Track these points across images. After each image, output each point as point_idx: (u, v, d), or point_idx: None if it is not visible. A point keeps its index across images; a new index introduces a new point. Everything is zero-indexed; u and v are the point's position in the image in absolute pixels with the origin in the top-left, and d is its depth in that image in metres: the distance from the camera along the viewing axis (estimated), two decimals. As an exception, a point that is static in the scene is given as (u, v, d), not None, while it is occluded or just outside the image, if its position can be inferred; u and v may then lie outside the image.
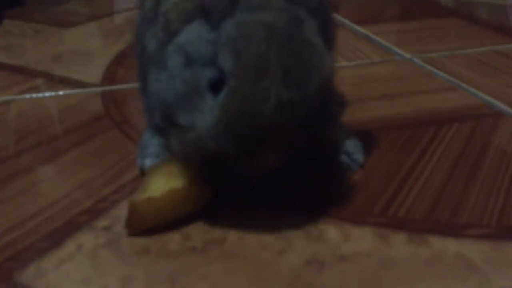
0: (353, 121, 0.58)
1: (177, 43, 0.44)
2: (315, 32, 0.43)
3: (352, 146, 0.54)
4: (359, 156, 0.53)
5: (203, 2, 0.44)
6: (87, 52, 0.89)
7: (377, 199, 0.49)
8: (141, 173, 0.51)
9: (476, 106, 0.68)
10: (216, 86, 0.41)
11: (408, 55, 0.86)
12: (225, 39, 0.41)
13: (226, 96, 0.40)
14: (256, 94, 0.39)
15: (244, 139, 0.40)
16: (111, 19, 1.11)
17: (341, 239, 0.44)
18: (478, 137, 0.60)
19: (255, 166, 0.41)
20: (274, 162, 0.42)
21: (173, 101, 0.44)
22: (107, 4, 1.28)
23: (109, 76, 0.78)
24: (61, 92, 0.72)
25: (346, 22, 1.04)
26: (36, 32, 0.99)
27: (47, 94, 0.72)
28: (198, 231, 0.44)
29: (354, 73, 0.78)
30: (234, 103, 0.40)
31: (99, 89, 0.74)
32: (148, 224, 0.44)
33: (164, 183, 0.44)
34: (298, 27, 0.42)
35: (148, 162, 0.51)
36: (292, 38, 0.41)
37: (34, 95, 0.72)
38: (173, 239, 0.43)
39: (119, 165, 0.54)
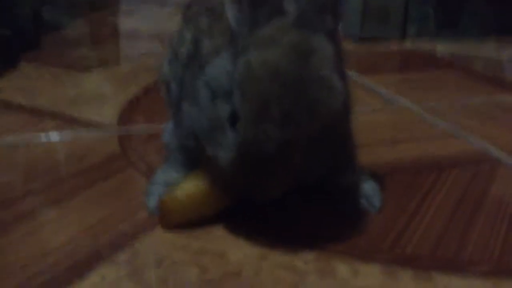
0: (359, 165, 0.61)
1: (204, 77, 0.49)
2: (328, 61, 0.45)
3: (370, 190, 0.56)
4: (376, 201, 0.56)
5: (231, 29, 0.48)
6: (102, 95, 0.93)
7: (384, 237, 0.51)
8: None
9: (475, 153, 0.72)
10: (233, 120, 0.45)
11: (408, 104, 0.90)
12: (236, 77, 0.44)
13: (237, 136, 0.44)
14: (257, 136, 0.43)
15: (253, 174, 0.44)
16: (123, 64, 1.16)
17: (350, 275, 0.46)
18: (478, 181, 0.63)
19: (270, 190, 0.46)
20: (284, 186, 0.46)
21: (202, 134, 0.49)
22: (115, 50, 1.33)
23: (124, 118, 0.81)
24: (78, 133, 0.75)
25: (348, 71, 1.08)
26: (52, 75, 1.03)
27: (64, 134, 0.75)
28: (215, 265, 0.47)
29: (356, 119, 0.82)
30: (242, 145, 0.44)
31: (115, 130, 0.77)
32: (176, 220, 0.51)
33: (190, 184, 0.51)
34: (306, 61, 0.43)
35: (151, 202, 0.54)
36: (295, 76, 0.43)
37: (51, 135, 0.75)
38: (191, 271, 0.46)
39: (136, 202, 0.56)
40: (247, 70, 0.44)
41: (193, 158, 0.54)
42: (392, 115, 0.86)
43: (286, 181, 0.45)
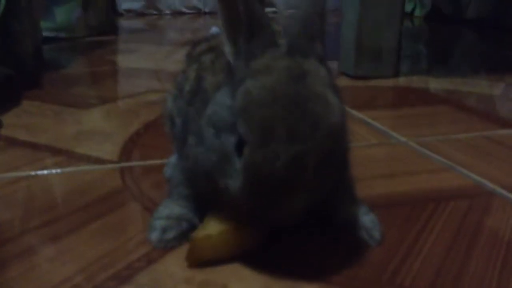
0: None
1: (206, 115, 0.51)
2: (322, 81, 0.48)
3: (369, 222, 0.57)
4: (376, 233, 0.57)
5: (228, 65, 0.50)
6: (103, 131, 0.94)
7: (384, 269, 0.52)
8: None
9: (470, 186, 0.73)
10: (239, 148, 0.47)
11: (403, 139, 0.92)
12: (237, 107, 0.47)
13: (244, 161, 0.46)
14: (266, 157, 0.45)
15: (266, 196, 0.45)
16: (123, 101, 1.18)
17: (352, 306, 0.47)
18: (473, 214, 0.64)
19: (285, 213, 0.46)
20: (302, 206, 0.47)
21: (211, 170, 0.50)
22: (114, 88, 1.36)
23: (126, 154, 0.83)
24: (79, 168, 0.77)
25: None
26: (54, 112, 1.05)
27: (65, 170, 0.76)
28: (218, 297, 0.47)
29: (353, 154, 0.84)
30: (251, 168, 0.45)
31: (118, 165, 0.78)
32: (206, 258, 0.50)
33: (221, 224, 0.51)
34: (300, 82, 0.46)
35: (154, 237, 0.55)
36: (294, 96, 0.45)
37: (54, 171, 0.76)
38: (195, 304, 0.46)
39: (140, 236, 0.57)
40: (246, 97, 0.46)
41: (198, 193, 0.56)
42: (387, 150, 0.88)
43: (300, 203, 0.46)
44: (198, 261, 0.51)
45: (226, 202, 0.50)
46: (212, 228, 0.51)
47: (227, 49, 0.50)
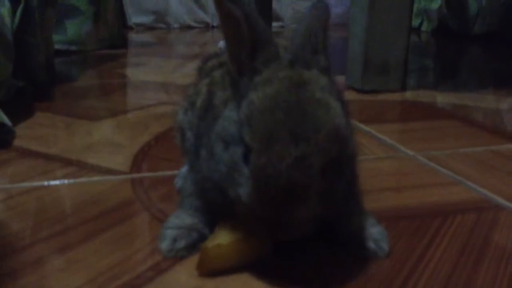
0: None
1: (216, 131, 0.52)
2: (323, 88, 0.49)
3: (378, 233, 0.58)
4: (384, 244, 0.57)
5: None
6: (114, 143, 0.96)
7: (392, 281, 0.52)
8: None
9: (477, 200, 0.73)
10: (246, 157, 0.48)
11: (411, 152, 0.93)
12: (242, 118, 0.48)
13: (251, 167, 0.47)
14: (271, 160, 0.45)
15: (275, 200, 0.46)
16: (132, 114, 1.19)
17: (359, 318, 0.47)
18: (480, 228, 0.64)
19: (296, 219, 0.46)
20: (312, 213, 0.47)
21: (221, 181, 0.51)
22: (123, 100, 1.38)
23: (136, 165, 0.84)
24: (90, 179, 0.78)
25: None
26: (65, 124, 1.07)
27: (77, 180, 0.77)
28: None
29: (360, 166, 0.84)
30: (257, 172, 0.46)
31: (128, 176, 0.79)
32: (216, 267, 0.51)
33: (231, 234, 0.52)
34: (300, 89, 0.48)
35: (164, 246, 0.56)
36: (295, 101, 0.47)
37: (66, 181, 0.77)
38: (205, 313, 0.47)
39: (150, 246, 0.58)
40: (250, 107, 0.48)
41: (210, 204, 0.56)
42: (395, 163, 0.89)
43: (310, 209, 0.47)
44: (208, 270, 0.52)
45: (236, 212, 0.50)
46: (222, 238, 0.52)
47: (231, 65, 0.52)
